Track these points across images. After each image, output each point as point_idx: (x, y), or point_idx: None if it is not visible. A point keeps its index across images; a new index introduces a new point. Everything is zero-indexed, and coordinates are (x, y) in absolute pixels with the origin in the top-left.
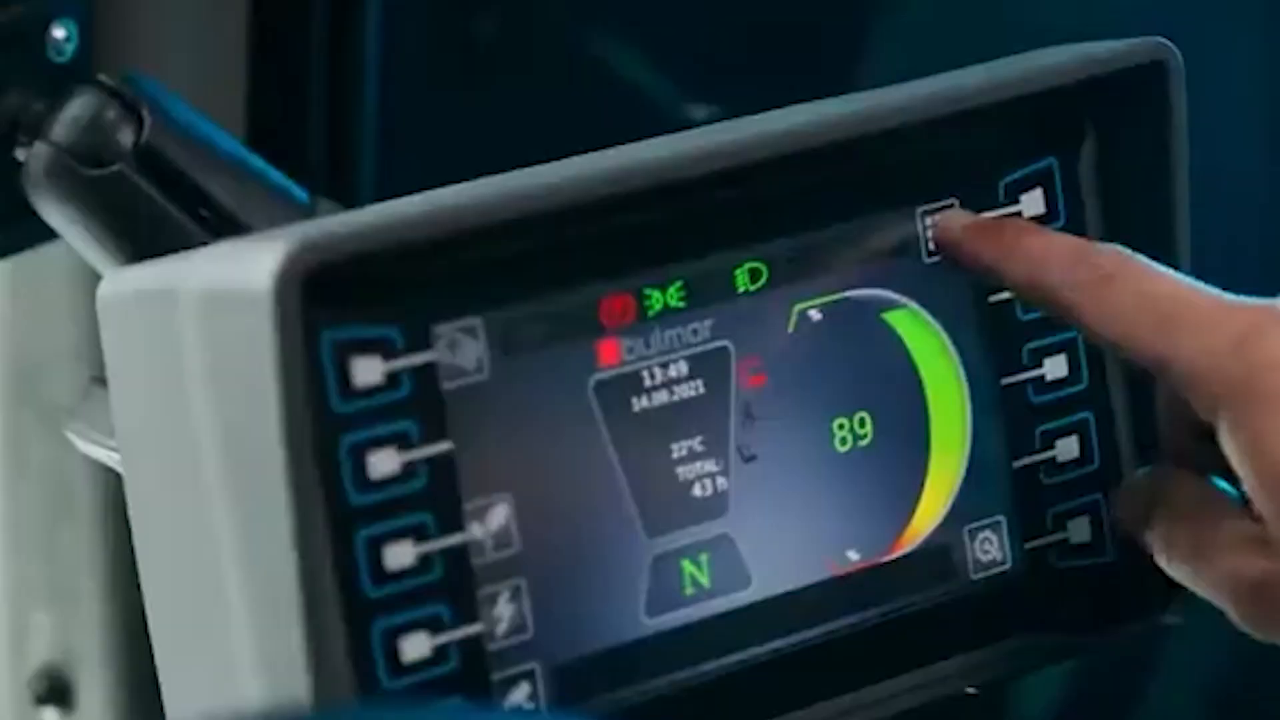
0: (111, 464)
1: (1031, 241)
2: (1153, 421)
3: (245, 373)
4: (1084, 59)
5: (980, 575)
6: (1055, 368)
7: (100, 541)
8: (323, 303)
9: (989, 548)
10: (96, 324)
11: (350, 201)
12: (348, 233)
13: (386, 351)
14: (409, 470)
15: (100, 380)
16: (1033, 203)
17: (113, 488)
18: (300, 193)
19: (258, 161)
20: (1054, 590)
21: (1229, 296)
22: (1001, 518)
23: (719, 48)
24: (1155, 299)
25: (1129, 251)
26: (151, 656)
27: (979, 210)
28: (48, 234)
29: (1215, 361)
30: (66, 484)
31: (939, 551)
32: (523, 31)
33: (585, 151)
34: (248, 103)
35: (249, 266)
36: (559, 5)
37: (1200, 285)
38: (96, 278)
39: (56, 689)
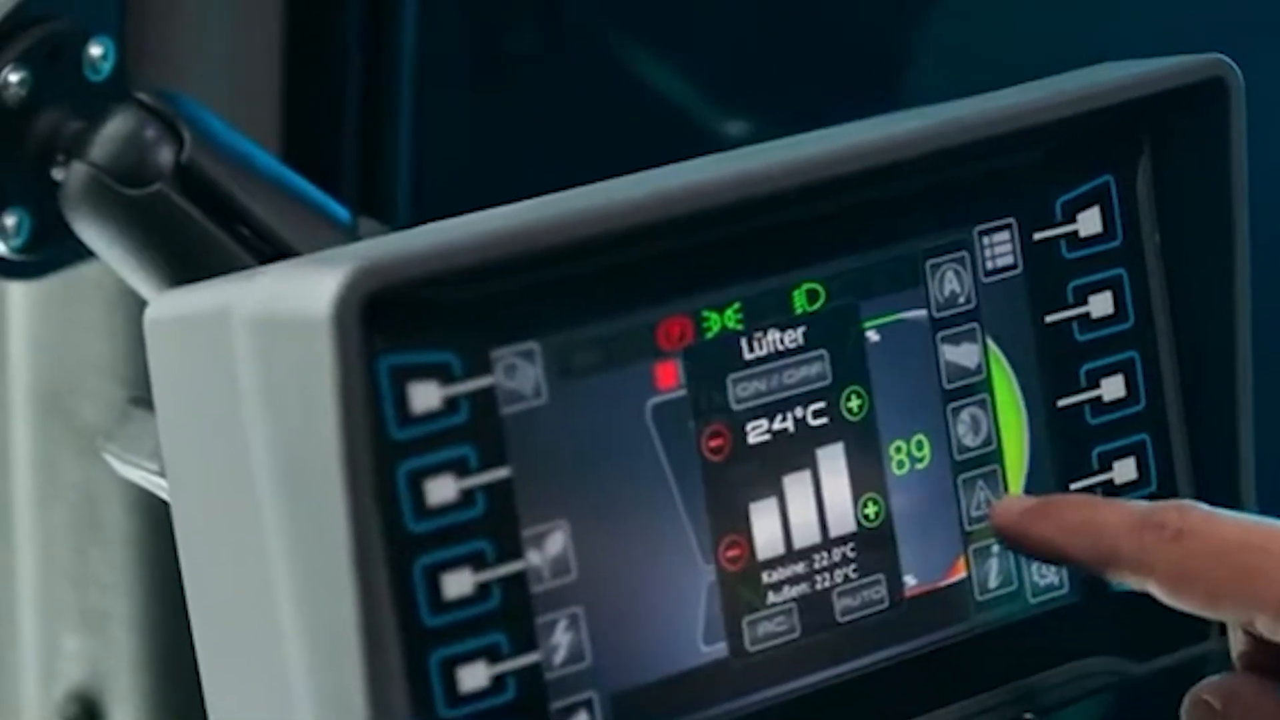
0: (150, 487)
1: (1092, 515)
2: (1208, 443)
3: (302, 399)
4: (1141, 76)
5: (1037, 600)
6: (1113, 389)
7: (131, 563)
8: (380, 327)
9: (1046, 572)
10: (129, 343)
11: (386, 217)
12: (407, 257)
13: (444, 377)
14: (467, 497)
15: (138, 401)
16: (1089, 221)
17: (144, 509)
18: (342, 212)
19: (298, 180)
20: (1111, 615)
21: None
22: None
23: (755, 62)
24: (1230, 550)
25: (1191, 503)
26: (182, 679)
27: (1035, 229)
28: (84, 253)
29: None
30: (97, 505)
31: (997, 576)
32: (558, 46)
33: (620, 165)
34: (281, 119)
35: (306, 291)
36: (594, 20)
37: (1273, 523)
38: (128, 296)
39: (87, 712)
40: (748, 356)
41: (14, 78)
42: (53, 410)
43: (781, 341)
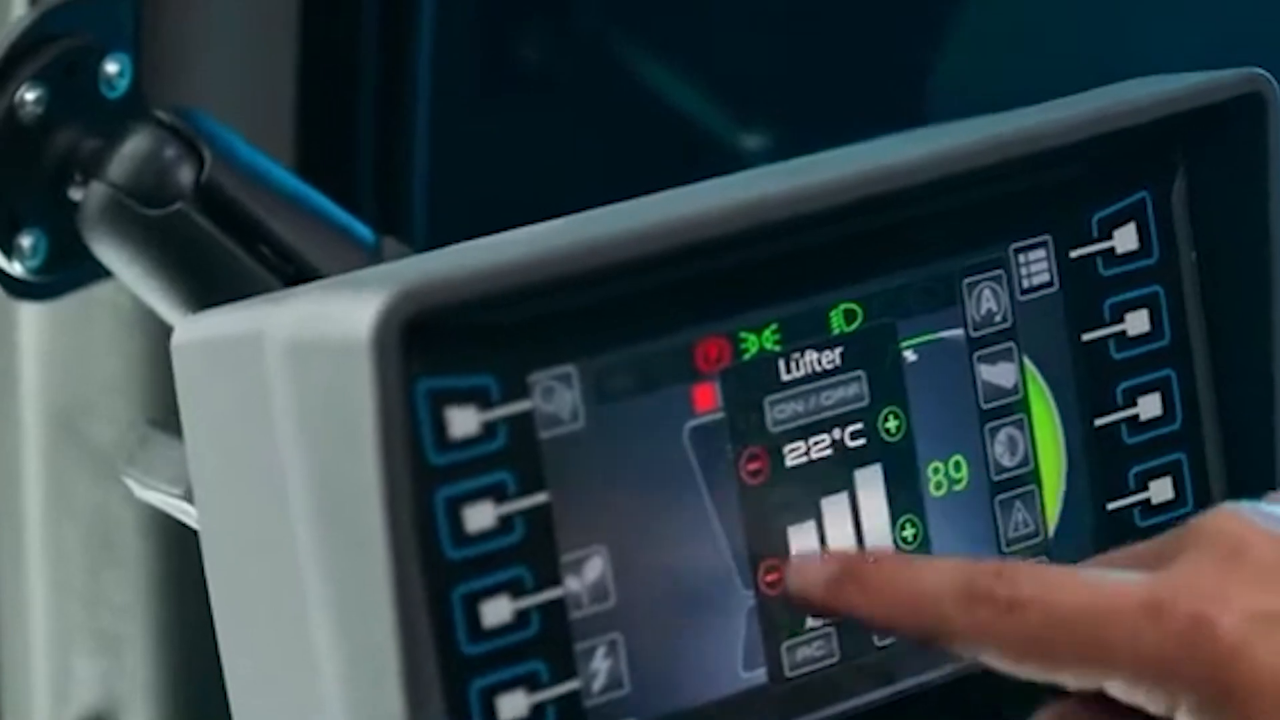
0: (172, 511)
1: (908, 583)
2: (1245, 461)
3: (339, 424)
4: (1177, 91)
5: None
6: (1149, 407)
7: (145, 586)
8: (418, 351)
9: None
10: (143, 363)
11: (402, 233)
12: (447, 280)
13: (482, 401)
14: (505, 523)
15: (157, 424)
16: (1125, 238)
17: (159, 531)
18: (365, 231)
19: (320, 199)
20: None
21: (1143, 579)
22: None
23: (769, 73)
24: (1072, 619)
25: (1014, 564)
26: (197, 703)
27: (1071, 247)
28: (100, 274)
29: (1166, 667)
30: (111, 527)
31: None
32: (572, 60)
33: (634, 177)
34: (296, 135)
35: (345, 314)
36: (609, 33)
37: (1112, 577)
38: (142, 316)
39: None
40: (785, 378)
41: (30, 95)
42: (66, 431)
43: (819, 362)
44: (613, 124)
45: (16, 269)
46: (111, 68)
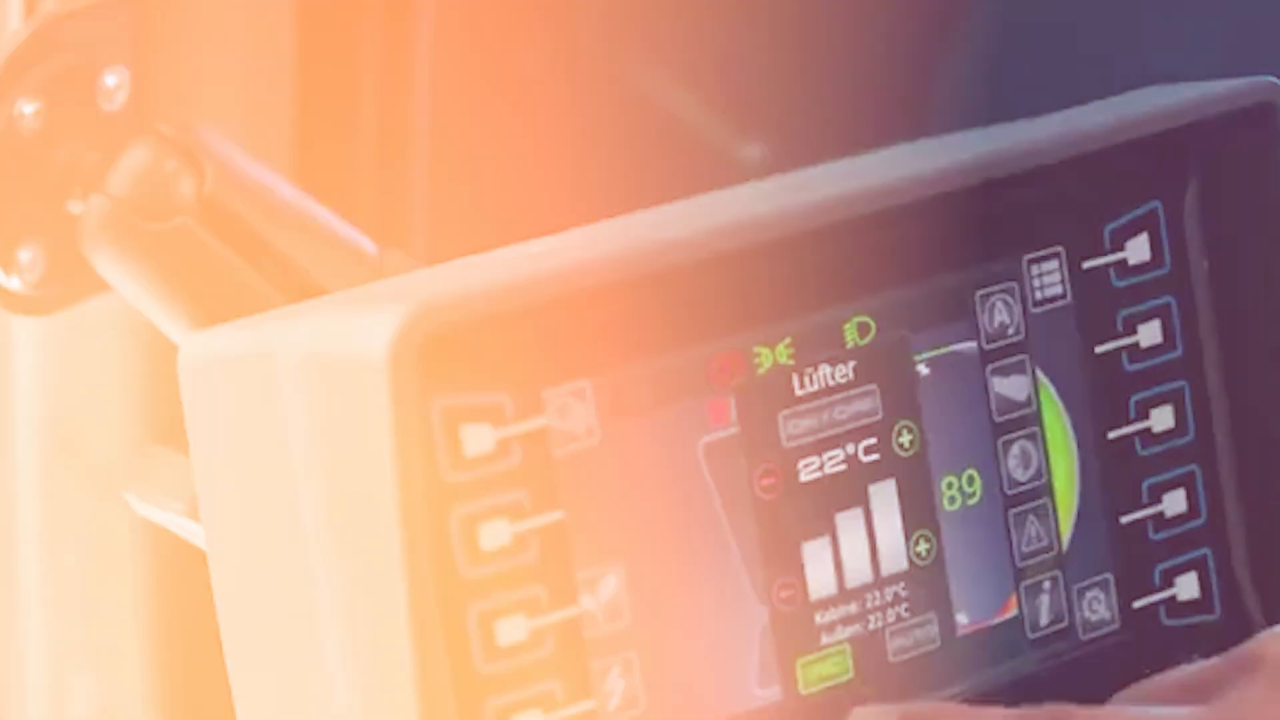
0: (174, 528)
1: None
2: (1258, 473)
3: (355, 442)
4: (1190, 101)
5: (1089, 636)
6: (1162, 419)
7: (144, 603)
8: (433, 368)
9: (1097, 607)
10: (141, 377)
11: (401, 240)
12: (464, 297)
13: (497, 418)
14: (520, 541)
15: (158, 439)
16: (1137, 249)
17: (157, 548)
18: (368, 244)
19: (322, 211)
20: (1162, 649)
21: (1197, 714)
22: (1109, 575)
23: (769, 85)
24: None
25: (1072, 707)
26: None
27: (1083, 258)
28: (100, 288)
29: None
30: (109, 543)
31: (1048, 613)
32: (570, 67)
33: (634, 187)
34: (295, 145)
35: (361, 331)
36: (609, 41)
37: (1166, 714)
38: (140, 329)
39: None
40: (799, 392)
41: (28, 109)
42: (63, 447)
43: (833, 376)
44: (612, 132)
45: (15, 284)
46: (110, 81)
